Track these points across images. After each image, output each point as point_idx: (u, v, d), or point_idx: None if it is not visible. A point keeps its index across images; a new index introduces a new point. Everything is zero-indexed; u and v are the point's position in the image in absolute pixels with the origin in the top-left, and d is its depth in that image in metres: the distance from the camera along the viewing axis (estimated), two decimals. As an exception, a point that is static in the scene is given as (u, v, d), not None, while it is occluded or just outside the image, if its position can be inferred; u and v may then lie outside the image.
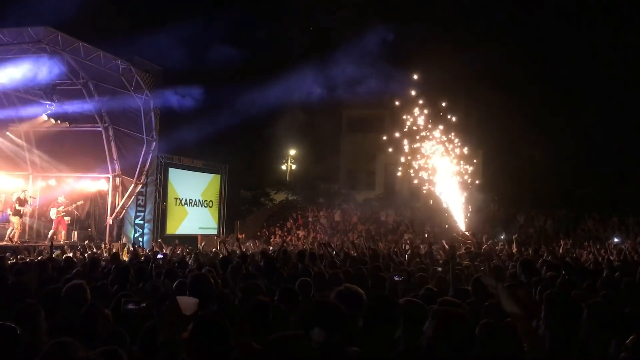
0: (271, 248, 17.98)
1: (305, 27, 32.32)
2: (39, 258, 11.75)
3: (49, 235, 18.91)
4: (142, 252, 15.00)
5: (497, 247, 15.30)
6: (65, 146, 19.85)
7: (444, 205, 19.94)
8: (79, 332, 4.07)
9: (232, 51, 25.92)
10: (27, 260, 11.31)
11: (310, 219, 29.42)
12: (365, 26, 23.19)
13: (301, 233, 27.31)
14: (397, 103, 21.71)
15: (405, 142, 21.20)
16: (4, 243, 16.93)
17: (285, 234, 27.21)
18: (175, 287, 5.45)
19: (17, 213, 17.99)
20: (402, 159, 21.41)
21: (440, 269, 8.40)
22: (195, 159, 25.04)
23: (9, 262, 8.89)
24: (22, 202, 18.11)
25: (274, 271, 7.02)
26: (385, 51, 24.15)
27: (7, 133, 19.54)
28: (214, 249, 14.99)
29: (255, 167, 31.60)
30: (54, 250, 12.04)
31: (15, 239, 17.70)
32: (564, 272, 7.14)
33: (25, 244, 17.38)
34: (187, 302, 3.74)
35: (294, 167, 36.34)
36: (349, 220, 29.06)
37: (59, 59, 17.46)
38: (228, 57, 25.72)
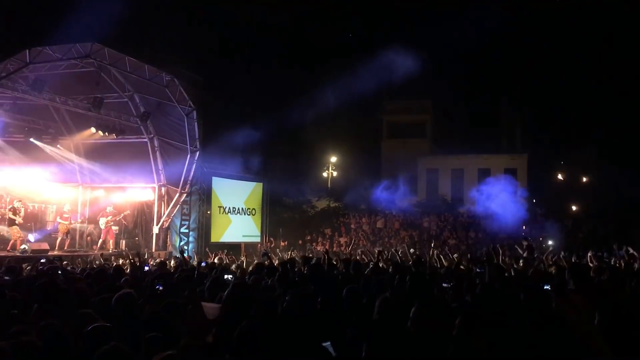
0: (311, 255, 17.96)
1: (344, 32, 32.40)
2: (90, 267, 12.05)
3: (98, 245, 19.43)
4: (188, 260, 15.21)
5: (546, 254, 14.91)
6: (113, 157, 20.38)
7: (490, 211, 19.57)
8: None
9: (272, 60, 26.18)
10: (78, 269, 11.62)
11: (352, 226, 29.33)
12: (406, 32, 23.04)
13: (343, 240, 27.26)
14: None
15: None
16: (57, 253, 17.43)
17: (328, 241, 27.20)
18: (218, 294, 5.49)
19: (12, 223, 17.49)
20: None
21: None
22: (237, 167, 25.31)
23: (59, 271, 9.13)
24: (16, 211, 17.60)
25: (320, 278, 6.99)
26: (426, 57, 23.92)
27: (58, 146, 20.19)
28: (255, 260, 15.08)
29: (296, 175, 31.71)
30: (103, 260, 12.36)
31: (17, 247, 16.96)
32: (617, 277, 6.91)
33: (75, 253, 17.90)
34: (210, 307, 3.75)
35: (335, 174, 36.31)
36: (391, 227, 28.84)
37: (106, 72, 18.02)
38: (268, 66, 26.02)
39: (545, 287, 6.14)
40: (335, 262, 10.43)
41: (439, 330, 3.42)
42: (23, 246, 16.58)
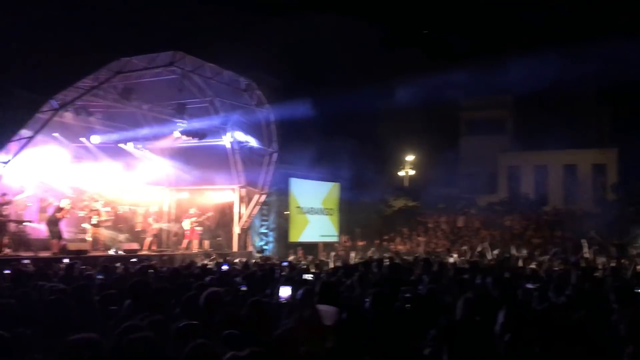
0: (387, 255, 17.83)
1: (420, 30, 31.96)
2: (176, 266, 12.56)
3: (184, 245, 20.21)
4: (268, 260, 15.53)
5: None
6: (196, 160, 21.13)
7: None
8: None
9: (348, 59, 26.22)
10: (164, 268, 12.12)
11: (430, 225, 28.89)
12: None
13: (421, 239, 26.89)
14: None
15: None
16: (146, 252, 18.27)
17: (406, 240, 26.93)
18: (302, 294, 5.57)
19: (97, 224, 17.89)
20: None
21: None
22: (314, 168, 25.56)
23: (149, 270, 9.58)
24: (99, 213, 17.94)
25: (399, 278, 6.95)
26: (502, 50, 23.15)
27: (145, 150, 21.17)
28: (330, 261, 15.16)
29: (373, 174, 31.57)
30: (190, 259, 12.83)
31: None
32: None
33: (162, 253, 18.70)
34: (328, 311, 3.61)
35: (411, 172, 35.85)
36: (471, 226, 28.16)
37: (188, 79, 18.74)
38: (344, 65, 26.08)
39: (637, 290, 5.81)
40: (412, 262, 10.34)
41: (526, 335, 3.31)
42: (112, 250, 17.50)
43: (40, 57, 13.18)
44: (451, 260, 13.12)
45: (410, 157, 35.87)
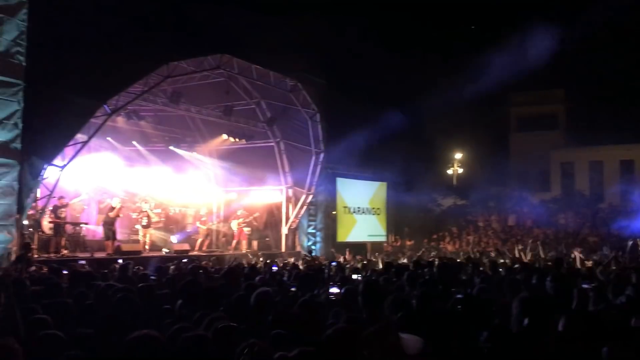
0: (433, 254, 17.59)
1: (466, 24, 31.39)
2: (226, 266, 12.73)
3: (233, 245, 20.50)
4: (317, 260, 15.56)
5: None
6: (243, 162, 21.42)
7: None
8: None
9: (395, 58, 25.98)
10: (214, 268, 12.30)
11: (480, 224, 28.37)
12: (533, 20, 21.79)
13: (471, 238, 26.42)
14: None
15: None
16: (196, 252, 18.62)
17: (456, 239, 26.52)
18: (345, 293, 5.55)
19: (147, 226, 17.95)
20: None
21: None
22: (361, 167, 25.48)
23: (200, 270, 9.75)
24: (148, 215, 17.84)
25: (449, 278, 6.83)
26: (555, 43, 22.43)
27: (194, 152, 21.61)
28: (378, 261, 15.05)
29: (421, 173, 31.24)
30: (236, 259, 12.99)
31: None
32: None
33: (212, 253, 19.00)
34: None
35: (460, 171, 35.28)
36: (523, 224, 27.49)
37: (235, 81, 19.02)
38: (391, 64, 25.86)
39: None
40: (463, 261, 10.15)
41: (587, 341, 3.17)
42: (165, 250, 17.90)
43: (94, 64, 13.60)
44: (503, 260, 12.82)
45: (458, 155, 35.31)
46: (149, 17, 14.67)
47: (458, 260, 11.85)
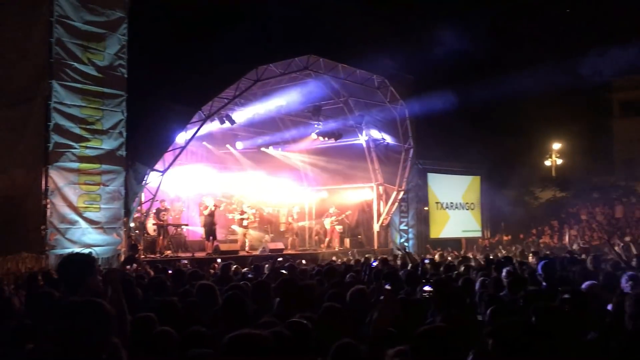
0: (532, 249, 16.81)
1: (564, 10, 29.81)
2: (320, 264, 12.88)
3: (325, 243, 20.71)
4: (410, 257, 15.37)
5: None
6: (333, 160, 21.59)
7: None
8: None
9: (478, 47, 25.14)
10: (308, 267, 12.47)
11: (583, 217, 26.86)
12: None
13: (573, 233, 25.07)
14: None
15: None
16: (291, 252, 18.97)
17: (556, 234, 25.30)
18: (438, 290, 5.43)
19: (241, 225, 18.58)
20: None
21: None
22: (453, 162, 24.92)
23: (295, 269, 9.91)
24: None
25: (553, 275, 6.52)
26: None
27: (285, 153, 22.06)
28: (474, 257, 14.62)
29: (516, 165, 30.06)
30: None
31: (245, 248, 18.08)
32: None
33: (306, 252, 19.29)
34: None
35: (559, 161, 33.56)
36: (631, 216, 25.75)
37: (322, 81, 19.20)
38: (475, 54, 25.07)
39: None
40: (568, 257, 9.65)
41: None
42: (262, 247, 18.38)
43: (189, 73, 14.24)
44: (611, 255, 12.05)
45: (557, 145, 33.62)
46: (238, 23, 15.15)
47: (562, 256, 11.28)
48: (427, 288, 6.59)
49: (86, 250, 10.63)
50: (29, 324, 3.98)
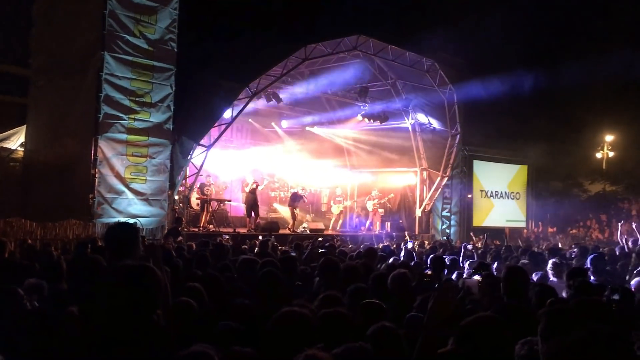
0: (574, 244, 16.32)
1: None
2: (359, 246, 12.85)
3: (366, 226, 20.64)
4: (451, 243, 15.18)
5: None
6: (378, 143, 21.39)
7: None
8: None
9: (533, 34, 24.38)
10: (348, 247, 12.45)
11: (633, 212, 25.95)
12: None
13: (624, 228, 24.21)
14: None
15: None
16: (331, 232, 19.01)
17: (606, 228, 24.53)
18: (484, 278, 5.31)
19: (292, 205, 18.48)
20: None
21: None
22: (500, 150, 24.38)
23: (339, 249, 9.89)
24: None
25: (602, 269, 6.31)
26: None
27: (330, 134, 21.98)
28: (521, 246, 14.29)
29: (565, 156, 29.21)
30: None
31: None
32: None
33: (345, 233, 19.27)
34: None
35: (611, 154, 32.40)
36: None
37: (370, 62, 18.96)
38: (528, 42, 24.33)
39: None
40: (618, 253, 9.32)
41: None
42: (304, 225, 18.45)
43: (238, 49, 14.31)
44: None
45: (609, 137, 32.46)
46: (288, 1, 15.09)
47: (610, 250, 10.90)
48: (469, 275, 6.48)
49: (132, 221, 10.89)
50: (74, 288, 4.08)
